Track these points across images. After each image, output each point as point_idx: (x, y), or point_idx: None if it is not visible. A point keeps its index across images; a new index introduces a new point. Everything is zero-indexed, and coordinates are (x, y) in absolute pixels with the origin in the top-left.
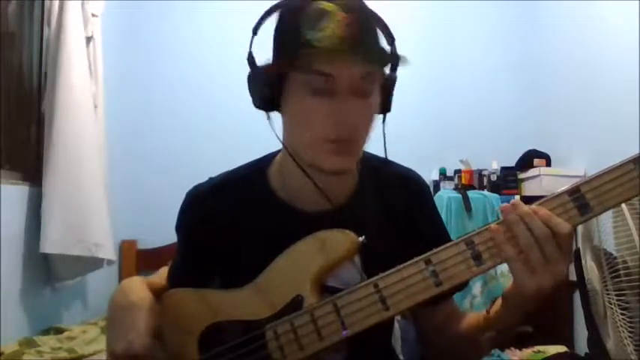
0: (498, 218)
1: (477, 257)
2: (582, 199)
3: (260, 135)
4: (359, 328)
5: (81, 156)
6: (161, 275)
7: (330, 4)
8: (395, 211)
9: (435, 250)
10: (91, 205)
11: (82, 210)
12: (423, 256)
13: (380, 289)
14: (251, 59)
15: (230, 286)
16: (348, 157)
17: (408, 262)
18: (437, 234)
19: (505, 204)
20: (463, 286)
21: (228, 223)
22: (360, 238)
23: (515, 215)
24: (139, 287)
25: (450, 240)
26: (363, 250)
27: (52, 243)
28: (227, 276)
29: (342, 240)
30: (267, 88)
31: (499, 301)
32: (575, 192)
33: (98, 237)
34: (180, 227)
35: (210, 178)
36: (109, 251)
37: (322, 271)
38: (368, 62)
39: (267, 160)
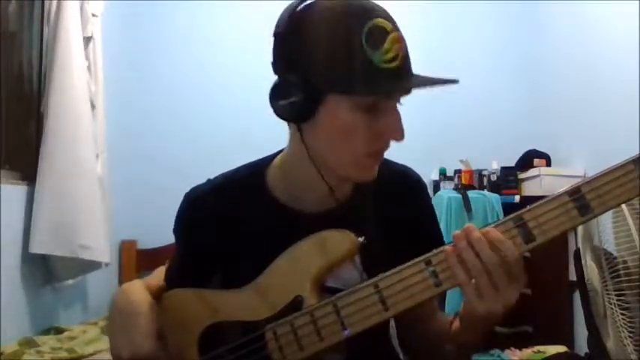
0: (498, 218)
1: None
2: (583, 200)
3: (260, 135)
4: (359, 329)
5: (75, 156)
6: (157, 276)
7: (383, 20)
8: (394, 209)
9: (435, 251)
10: (82, 206)
11: (71, 211)
12: (423, 256)
13: (380, 289)
14: (282, 66)
15: (230, 286)
16: (377, 167)
17: (409, 263)
18: (432, 232)
19: (457, 231)
20: None
21: (227, 224)
22: (360, 239)
23: (465, 242)
24: (139, 290)
25: (442, 239)
26: (364, 250)
27: (38, 243)
28: (227, 277)
29: (342, 240)
30: (306, 100)
31: (460, 318)
32: (575, 192)
33: (86, 239)
34: (178, 229)
35: (208, 180)
36: (98, 253)
37: (322, 271)
38: (419, 83)
39: (265, 162)
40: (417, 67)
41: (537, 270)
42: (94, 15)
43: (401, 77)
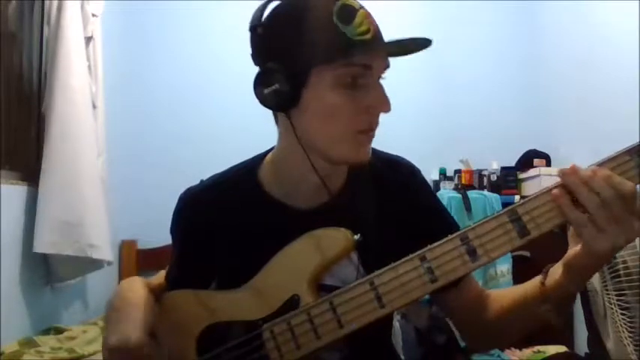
0: None
1: (472, 253)
2: None
3: (260, 134)
4: (356, 326)
5: (78, 156)
6: (161, 277)
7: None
8: (389, 199)
9: (429, 247)
10: (87, 206)
11: (77, 210)
12: (418, 252)
13: (376, 286)
14: (262, 57)
15: (227, 286)
16: (370, 146)
17: (403, 259)
18: (439, 215)
19: (564, 168)
20: (457, 282)
21: (222, 224)
22: (356, 236)
23: (576, 179)
24: (138, 286)
25: (449, 217)
26: (360, 246)
27: (45, 243)
28: (224, 276)
29: (337, 238)
30: (289, 85)
31: (557, 271)
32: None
33: (93, 238)
34: (174, 230)
35: (202, 181)
36: (105, 252)
37: (318, 270)
38: (395, 52)
39: (257, 160)
40: (417, 66)
41: (537, 270)
42: (94, 15)
43: (375, 48)
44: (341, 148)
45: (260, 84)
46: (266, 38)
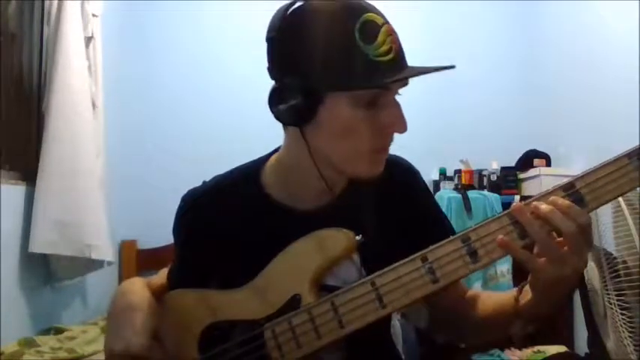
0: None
1: (473, 254)
2: (577, 195)
3: (259, 134)
4: (356, 327)
5: (77, 156)
6: (162, 277)
7: (373, 15)
8: (390, 200)
9: (431, 248)
10: (85, 206)
11: (75, 210)
12: (419, 253)
13: (377, 287)
14: (278, 71)
15: (229, 286)
16: (384, 161)
17: (405, 260)
18: (434, 216)
19: (517, 204)
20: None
21: (224, 225)
22: (358, 237)
23: (528, 215)
24: (139, 288)
25: (446, 219)
26: (362, 247)
27: (40, 243)
28: (226, 276)
29: (339, 239)
30: (305, 101)
31: (529, 290)
32: (570, 188)
33: (92, 238)
34: (176, 231)
35: (204, 182)
36: (105, 252)
37: (320, 270)
38: (415, 74)
39: (260, 162)
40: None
41: None
42: (94, 15)
43: (397, 68)
44: (356, 165)
45: (275, 99)
46: (282, 51)
